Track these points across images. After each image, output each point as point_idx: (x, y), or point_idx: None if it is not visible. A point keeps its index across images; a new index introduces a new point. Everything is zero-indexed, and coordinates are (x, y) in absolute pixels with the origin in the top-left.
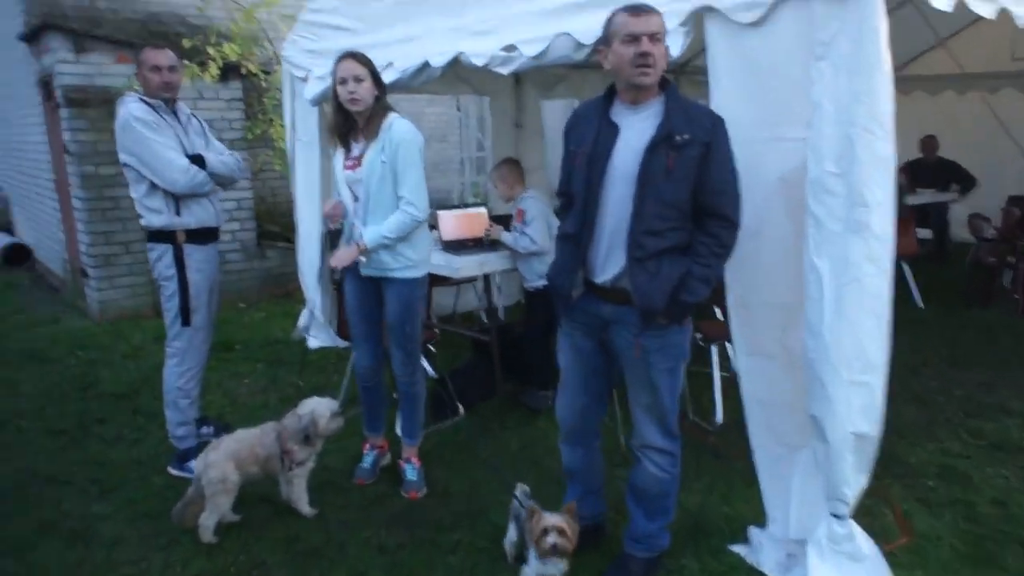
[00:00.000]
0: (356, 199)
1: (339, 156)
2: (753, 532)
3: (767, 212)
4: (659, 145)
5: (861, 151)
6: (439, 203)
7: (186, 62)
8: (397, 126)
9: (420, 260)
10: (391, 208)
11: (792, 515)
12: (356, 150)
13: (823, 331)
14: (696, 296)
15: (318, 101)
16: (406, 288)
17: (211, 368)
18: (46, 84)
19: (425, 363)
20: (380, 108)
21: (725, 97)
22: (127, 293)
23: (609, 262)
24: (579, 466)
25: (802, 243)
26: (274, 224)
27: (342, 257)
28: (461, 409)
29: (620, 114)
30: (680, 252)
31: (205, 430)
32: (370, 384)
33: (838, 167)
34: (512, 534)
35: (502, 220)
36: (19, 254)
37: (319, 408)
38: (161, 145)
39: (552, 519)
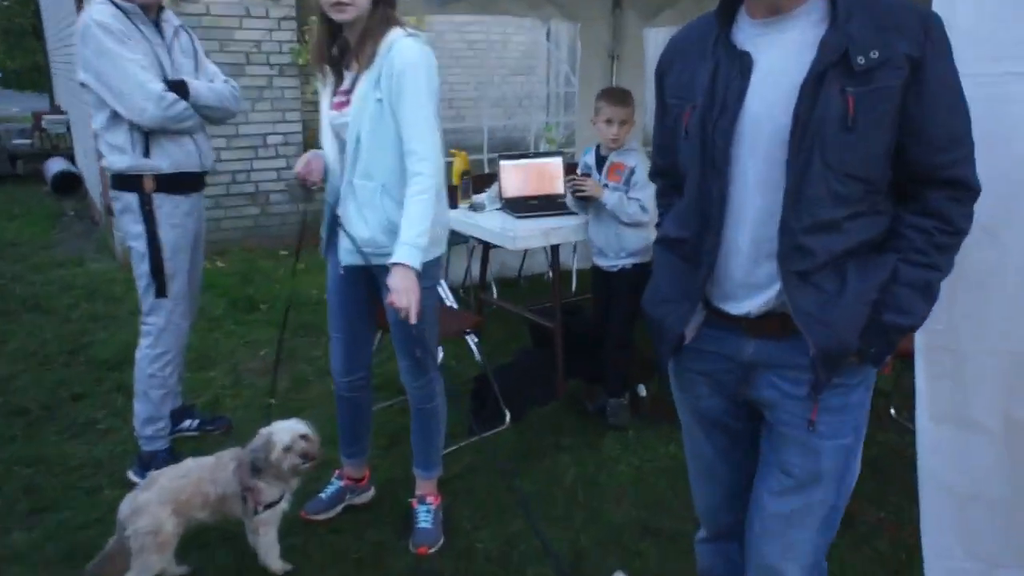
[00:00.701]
0: (343, 151)
1: (327, 91)
2: None
3: (1008, 205)
4: (827, 74)
5: None
6: (516, 145)
7: None
8: (399, 47)
9: (431, 236)
10: (391, 167)
11: None
12: (348, 82)
13: None
14: (911, 316)
15: None
16: None
17: (226, 333)
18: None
19: (474, 348)
20: (378, 20)
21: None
22: None
23: (756, 280)
24: (724, 571)
25: None
26: None
27: (407, 296)
28: (508, 416)
29: (749, 34)
30: (872, 250)
31: (188, 423)
32: (345, 392)
33: None
34: None
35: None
36: (72, 182)
37: (278, 433)
38: (129, 62)
39: None
